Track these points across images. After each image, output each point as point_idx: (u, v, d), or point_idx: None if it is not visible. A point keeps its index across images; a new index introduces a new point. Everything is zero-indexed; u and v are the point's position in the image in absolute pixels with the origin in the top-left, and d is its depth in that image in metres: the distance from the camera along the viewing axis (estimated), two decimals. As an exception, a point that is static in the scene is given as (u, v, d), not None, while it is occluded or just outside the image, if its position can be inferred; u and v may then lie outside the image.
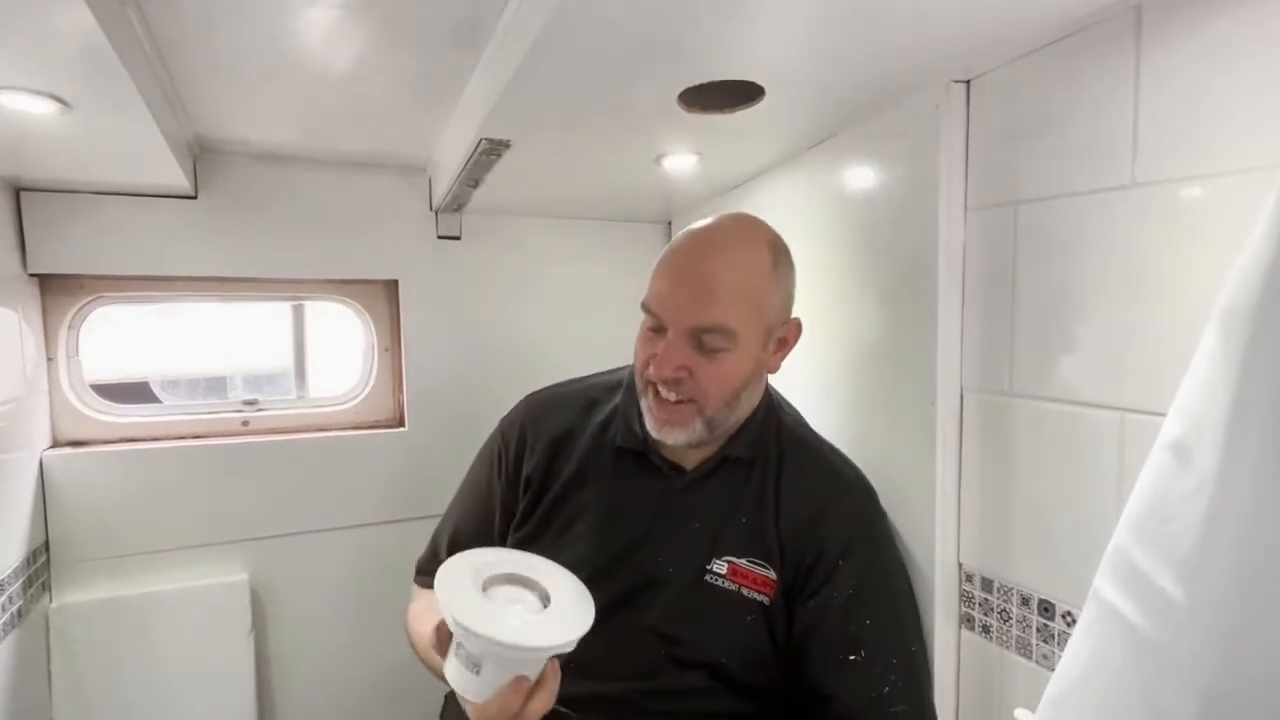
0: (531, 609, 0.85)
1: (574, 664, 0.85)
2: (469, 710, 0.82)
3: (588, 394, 1.15)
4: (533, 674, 0.80)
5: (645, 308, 0.98)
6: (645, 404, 0.99)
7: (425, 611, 1.10)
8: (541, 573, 0.90)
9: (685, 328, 0.93)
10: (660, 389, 0.96)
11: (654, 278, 0.99)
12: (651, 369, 0.95)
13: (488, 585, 0.86)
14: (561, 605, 0.85)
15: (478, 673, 0.79)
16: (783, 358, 1.04)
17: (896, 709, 0.94)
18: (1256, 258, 0.38)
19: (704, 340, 0.93)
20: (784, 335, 1.02)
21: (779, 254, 1.00)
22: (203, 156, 1.52)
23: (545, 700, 0.80)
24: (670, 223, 1.97)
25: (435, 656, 0.98)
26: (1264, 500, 0.36)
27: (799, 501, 1.01)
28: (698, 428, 0.97)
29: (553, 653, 0.79)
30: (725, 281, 0.94)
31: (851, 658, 0.95)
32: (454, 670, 0.82)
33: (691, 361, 0.93)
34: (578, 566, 0.98)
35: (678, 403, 0.95)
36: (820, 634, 0.97)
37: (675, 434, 0.97)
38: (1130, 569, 0.42)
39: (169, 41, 1.00)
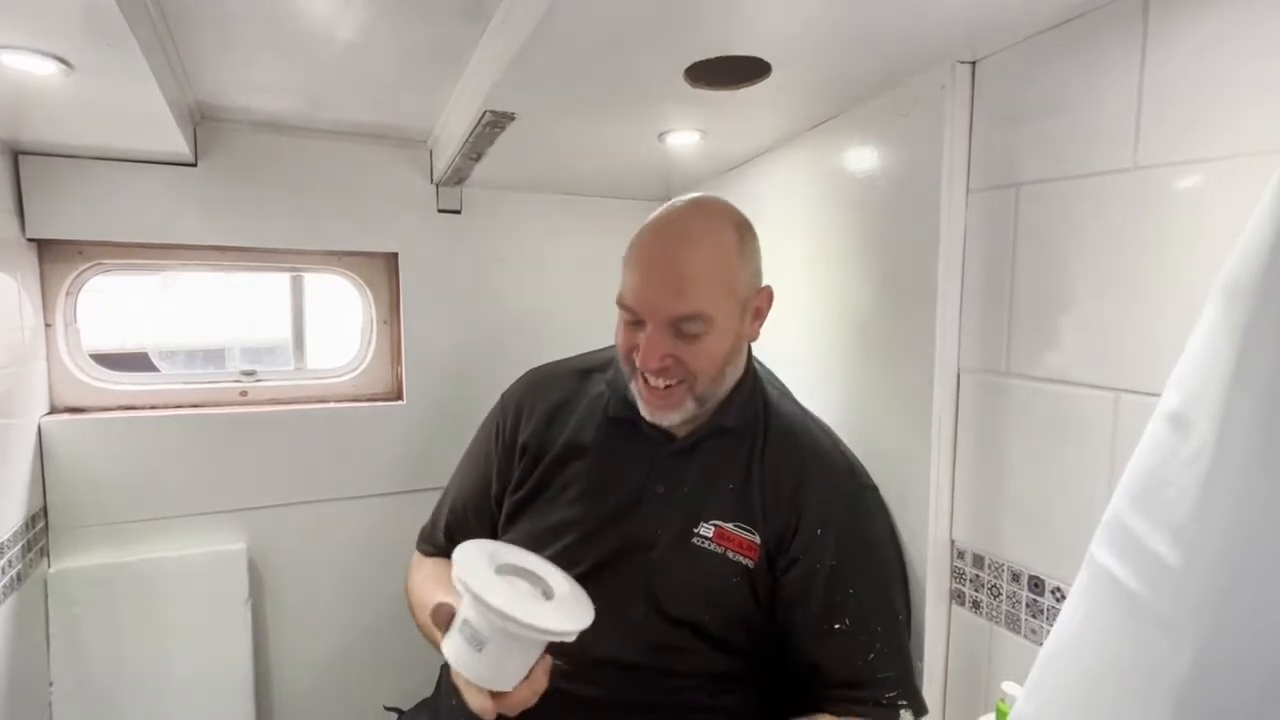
0: (538, 599, 0.89)
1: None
2: (460, 684, 0.86)
3: (584, 368, 1.20)
4: (531, 660, 0.84)
5: (621, 304, 1.00)
6: (636, 389, 1.03)
7: (426, 580, 1.14)
8: (543, 570, 0.94)
9: (663, 320, 0.95)
10: (648, 377, 0.99)
11: (625, 271, 1.01)
12: (637, 360, 0.98)
13: (499, 571, 0.89)
14: (563, 600, 0.89)
15: (480, 650, 0.82)
16: (760, 325, 1.07)
17: (883, 675, 0.97)
18: (1260, 232, 0.39)
19: (683, 328, 0.96)
20: (758, 305, 1.05)
21: (743, 230, 1.02)
22: (203, 123, 1.51)
23: (528, 695, 0.84)
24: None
25: (435, 630, 1.01)
26: (1260, 467, 0.37)
27: (782, 471, 1.03)
28: (689, 406, 1.01)
29: (559, 638, 0.83)
30: (696, 269, 0.96)
31: (836, 627, 0.97)
32: (455, 646, 0.85)
33: (674, 349, 0.96)
34: (569, 528, 1.05)
35: (667, 387, 0.99)
36: (805, 605, 0.99)
37: (669, 415, 1.01)
38: (1126, 535, 0.43)
39: (173, 3, 1.00)
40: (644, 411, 1.02)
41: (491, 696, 0.83)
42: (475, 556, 0.89)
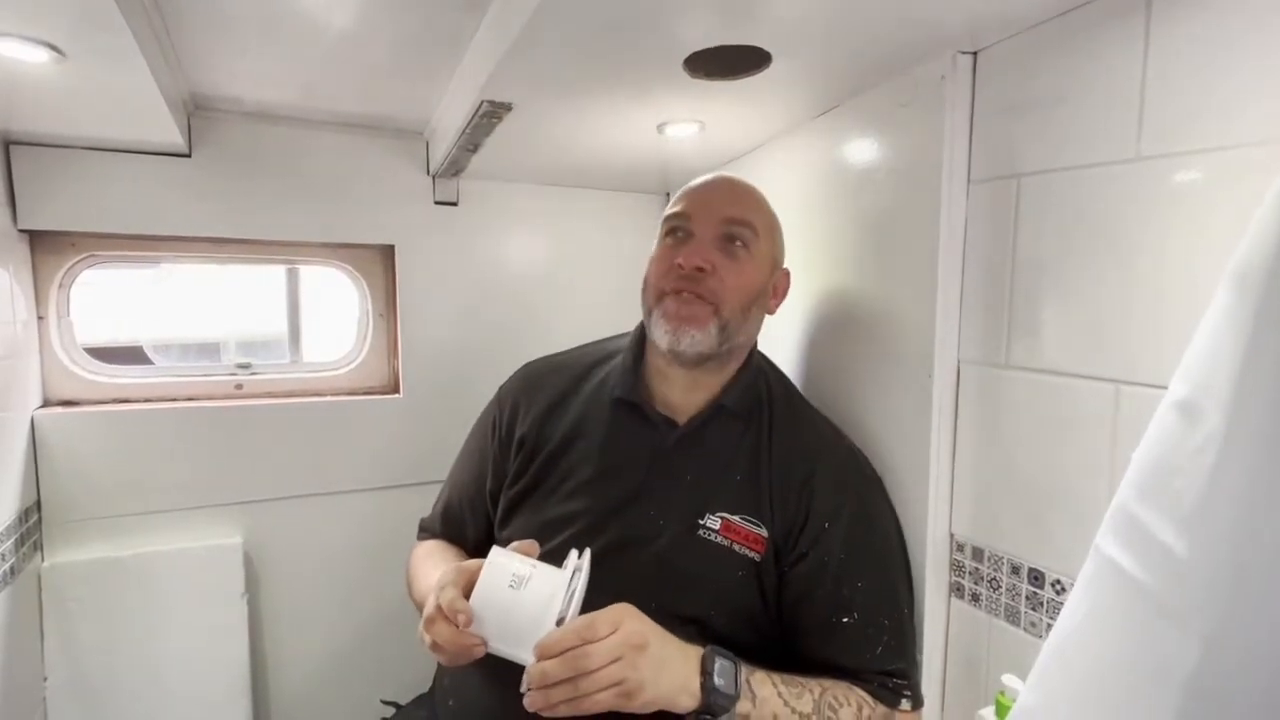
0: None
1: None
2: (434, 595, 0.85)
3: (585, 359, 1.18)
4: (523, 642, 0.82)
5: (672, 216, 1.06)
6: (659, 314, 1.02)
7: (428, 555, 1.17)
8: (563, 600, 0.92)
9: (717, 219, 1.02)
10: (681, 289, 1.00)
11: (678, 199, 1.08)
12: (680, 259, 1.00)
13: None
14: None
15: (517, 592, 0.82)
16: (778, 304, 1.13)
17: (890, 668, 0.97)
18: (1271, 220, 0.38)
19: (732, 235, 1.02)
20: (778, 281, 1.11)
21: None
22: (197, 114, 1.50)
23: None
24: (668, 194, 1.96)
25: (423, 590, 1.02)
26: (1270, 456, 0.37)
27: (789, 462, 1.02)
28: (712, 331, 1.00)
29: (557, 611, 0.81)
30: (749, 192, 1.09)
31: (845, 620, 0.97)
32: (493, 581, 0.83)
33: (716, 259, 1.01)
34: (570, 522, 1.03)
35: (698, 299, 1.00)
36: (813, 599, 0.98)
37: (692, 333, 1.00)
38: (1132, 525, 0.42)
39: (166, -9, 0.99)
40: (664, 337, 1.01)
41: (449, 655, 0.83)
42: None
